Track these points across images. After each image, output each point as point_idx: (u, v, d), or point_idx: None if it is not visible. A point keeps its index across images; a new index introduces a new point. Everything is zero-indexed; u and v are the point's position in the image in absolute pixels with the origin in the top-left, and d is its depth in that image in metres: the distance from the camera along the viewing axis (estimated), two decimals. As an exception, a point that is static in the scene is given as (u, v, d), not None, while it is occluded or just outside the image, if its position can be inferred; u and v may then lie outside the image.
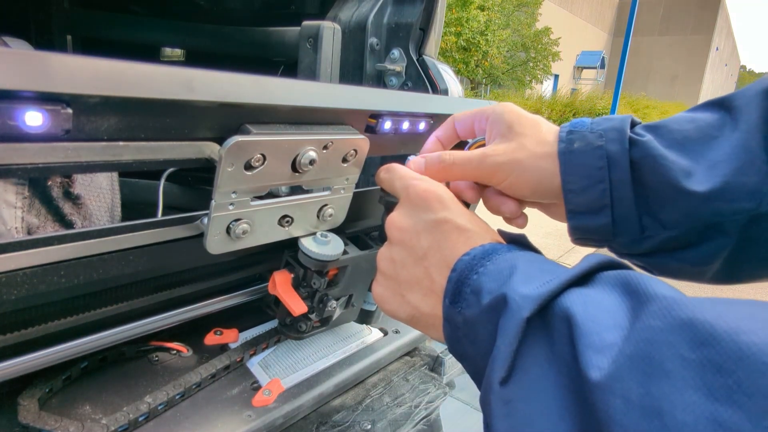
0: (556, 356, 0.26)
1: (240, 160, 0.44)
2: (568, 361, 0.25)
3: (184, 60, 1.70)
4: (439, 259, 0.37)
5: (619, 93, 12.31)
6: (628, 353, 0.23)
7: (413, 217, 0.40)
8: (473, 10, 12.48)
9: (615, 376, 0.23)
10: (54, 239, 0.42)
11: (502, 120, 0.46)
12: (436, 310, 0.36)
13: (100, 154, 0.38)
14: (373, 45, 1.12)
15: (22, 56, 0.30)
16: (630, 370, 0.22)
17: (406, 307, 0.39)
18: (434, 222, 0.38)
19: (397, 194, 0.44)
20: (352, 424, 0.65)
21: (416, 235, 0.39)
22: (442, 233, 0.38)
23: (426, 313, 0.38)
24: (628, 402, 0.22)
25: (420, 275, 0.38)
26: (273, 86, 0.44)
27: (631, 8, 11.57)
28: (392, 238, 0.41)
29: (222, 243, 0.49)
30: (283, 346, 0.70)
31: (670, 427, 0.21)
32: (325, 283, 0.61)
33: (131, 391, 0.56)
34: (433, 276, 0.37)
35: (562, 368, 0.26)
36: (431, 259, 0.37)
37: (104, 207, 0.77)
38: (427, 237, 0.38)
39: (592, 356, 0.24)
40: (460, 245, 0.36)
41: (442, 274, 0.36)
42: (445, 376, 0.82)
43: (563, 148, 0.43)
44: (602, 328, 0.25)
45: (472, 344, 0.32)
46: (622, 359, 0.23)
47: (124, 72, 0.35)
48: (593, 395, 0.23)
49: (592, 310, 0.26)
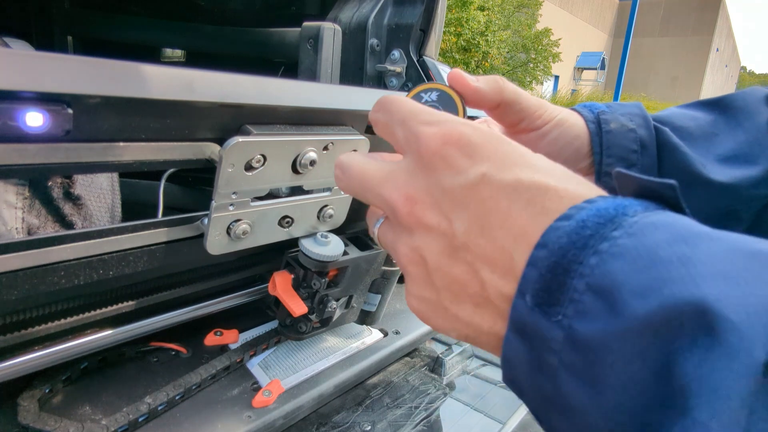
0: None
1: (240, 160, 0.44)
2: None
3: (185, 61, 1.70)
4: (485, 247, 0.22)
5: (620, 94, 12.32)
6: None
7: (432, 188, 0.24)
8: (473, 10, 12.49)
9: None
10: (54, 240, 0.42)
11: None
12: (498, 327, 0.23)
13: (101, 155, 0.38)
14: (374, 46, 1.12)
15: (23, 57, 0.30)
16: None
17: (454, 324, 0.25)
18: (464, 189, 0.23)
19: (398, 146, 0.27)
20: (352, 425, 0.65)
21: (443, 215, 0.24)
22: (481, 205, 0.23)
23: (485, 332, 0.24)
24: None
25: (462, 276, 0.23)
26: (273, 87, 0.44)
27: (631, 9, 11.58)
28: (406, 222, 0.25)
29: (222, 243, 0.49)
30: (283, 346, 0.70)
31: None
32: (325, 283, 0.61)
33: (131, 391, 0.56)
34: (482, 275, 0.22)
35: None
36: (474, 249, 0.23)
37: (105, 207, 0.77)
38: (460, 216, 0.23)
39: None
40: (521, 216, 0.21)
41: (496, 271, 0.22)
42: (445, 377, 0.82)
43: (596, 128, 0.41)
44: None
45: (589, 387, 0.18)
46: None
47: (125, 72, 0.35)
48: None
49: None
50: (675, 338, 0.16)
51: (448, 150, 0.24)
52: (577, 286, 0.18)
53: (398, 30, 1.10)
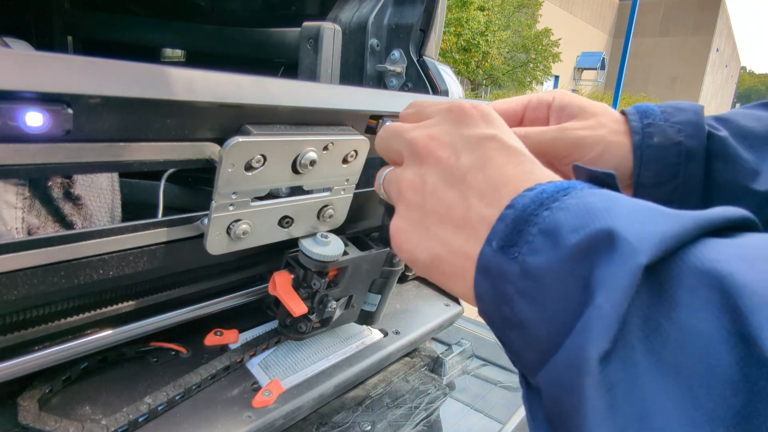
0: (688, 329, 0.18)
1: (240, 160, 0.44)
2: (715, 336, 0.18)
3: (185, 61, 1.70)
4: (481, 181, 0.28)
5: (620, 94, 12.32)
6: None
7: (452, 132, 0.32)
8: (473, 10, 12.49)
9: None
10: (54, 239, 0.42)
11: (573, 102, 0.45)
12: (469, 246, 0.28)
13: (101, 155, 0.39)
14: (374, 46, 1.12)
15: (23, 57, 0.30)
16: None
17: (429, 242, 0.30)
18: (477, 138, 0.30)
19: (432, 115, 0.35)
20: (352, 425, 0.65)
21: (454, 152, 0.31)
22: (487, 151, 0.30)
23: (455, 250, 0.29)
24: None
25: (453, 201, 0.29)
26: (273, 87, 0.44)
27: (631, 9, 11.58)
28: (423, 155, 0.32)
29: (222, 243, 0.49)
30: (283, 346, 0.70)
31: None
32: (325, 283, 0.61)
33: (131, 391, 0.56)
34: (471, 201, 0.28)
35: (701, 348, 0.18)
36: (471, 181, 0.29)
37: (105, 207, 0.77)
38: (468, 155, 0.30)
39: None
40: (512, 169, 0.28)
41: (483, 200, 0.28)
42: (445, 377, 0.82)
43: (639, 141, 0.42)
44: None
45: (535, 305, 0.23)
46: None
47: (125, 72, 0.35)
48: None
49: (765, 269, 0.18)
50: (593, 256, 0.21)
51: (473, 111, 0.32)
52: (532, 231, 0.24)
53: (398, 30, 1.10)
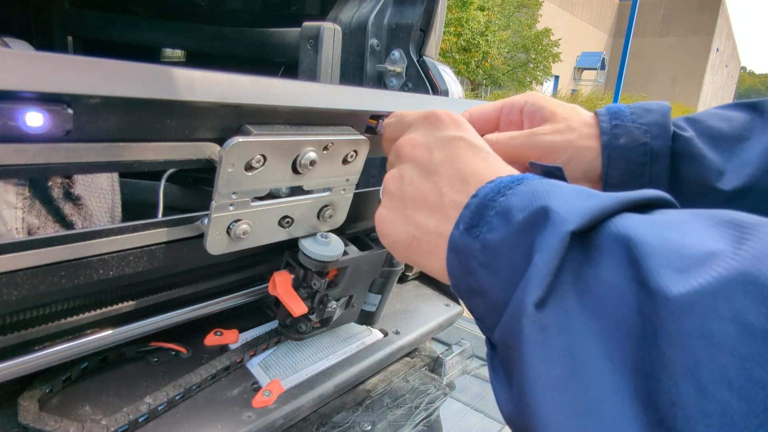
0: (605, 281, 0.22)
1: (240, 160, 0.44)
2: (623, 285, 0.21)
3: (185, 61, 1.70)
4: (451, 172, 0.34)
5: (620, 94, 12.32)
6: (737, 269, 0.18)
7: (427, 135, 0.38)
8: (473, 10, 12.49)
9: (717, 293, 0.18)
10: (54, 240, 0.42)
11: (544, 105, 0.47)
12: (442, 227, 0.33)
13: (101, 155, 0.39)
14: (374, 46, 1.12)
15: (23, 57, 0.30)
16: (743, 287, 0.18)
17: (407, 226, 0.36)
18: (448, 138, 0.36)
19: (411, 122, 0.42)
20: (352, 425, 0.65)
21: (428, 150, 0.37)
22: (456, 149, 0.35)
23: (430, 230, 0.34)
24: (742, 325, 0.17)
25: (428, 190, 0.35)
26: (273, 87, 0.44)
27: (631, 9, 11.59)
28: (403, 155, 0.39)
29: (222, 244, 0.49)
30: (283, 346, 0.70)
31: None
32: (325, 283, 0.61)
33: (131, 391, 0.56)
34: (443, 189, 0.34)
35: (613, 295, 0.22)
36: (442, 173, 0.35)
37: (105, 207, 0.77)
38: (440, 152, 0.36)
39: (671, 276, 0.20)
40: (477, 163, 0.34)
41: (453, 188, 0.33)
42: (445, 377, 0.82)
43: (607, 141, 0.44)
44: (685, 249, 0.20)
45: (492, 273, 0.28)
46: (731, 274, 0.18)
47: (125, 72, 0.35)
48: (671, 320, 0.19)
49: (666, 233, 0.22)
50: (534, 229, 0.26)
51: (445, 117, 0.39)
52: (490, 213, 0.29)
53: (398, 30, 1.10)
